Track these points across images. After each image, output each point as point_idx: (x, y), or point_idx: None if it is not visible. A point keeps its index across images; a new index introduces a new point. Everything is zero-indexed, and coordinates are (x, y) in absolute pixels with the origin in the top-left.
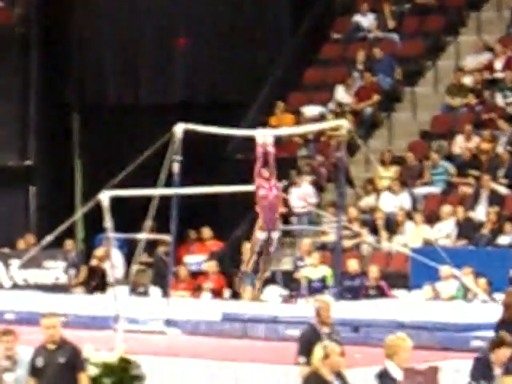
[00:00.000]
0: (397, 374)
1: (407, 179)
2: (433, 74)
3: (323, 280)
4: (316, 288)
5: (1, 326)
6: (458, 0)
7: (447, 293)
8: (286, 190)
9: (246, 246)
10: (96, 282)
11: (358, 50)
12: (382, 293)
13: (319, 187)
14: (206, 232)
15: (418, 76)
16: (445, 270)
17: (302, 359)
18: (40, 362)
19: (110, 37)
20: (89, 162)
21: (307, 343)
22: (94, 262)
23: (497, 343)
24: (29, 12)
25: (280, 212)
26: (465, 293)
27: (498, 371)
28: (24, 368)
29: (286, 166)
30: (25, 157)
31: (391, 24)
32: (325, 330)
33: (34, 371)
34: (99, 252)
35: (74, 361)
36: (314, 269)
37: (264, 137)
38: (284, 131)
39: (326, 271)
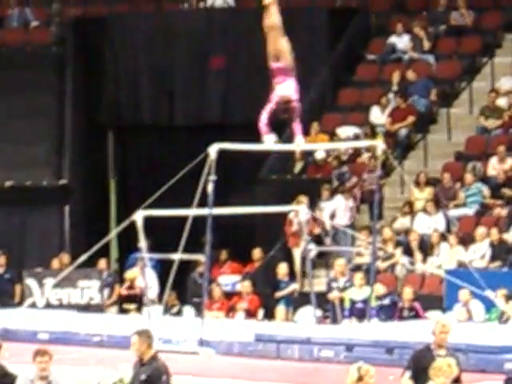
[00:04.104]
0: None
1: (442, 200)
2: (468, 95)
3: (366, 301)
4: (359, 309)
5: (35, 346)
6: (493, 22)
7: (479, 315)
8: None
9: (282, 267)
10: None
11: (393, 71)
12: (416, 314)
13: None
14: (257, 252)
15: (452, 97)
16: (463, 293)
17: (407, 373)
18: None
19: (145, 56)
20: (123, 182)
21: (416, 360)
22: (127, 285)
23: None
24: (64, 31)
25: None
26: (499, 315)
27: None
28: None
29: (320, 187)
30: (59, 176)
31: (426, 45)
32: (440, 352)
33: None
34: (131, 274)
35: (154, 378)
36: (358, 290)
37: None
38: (319, 146)
39: (368, 292)
